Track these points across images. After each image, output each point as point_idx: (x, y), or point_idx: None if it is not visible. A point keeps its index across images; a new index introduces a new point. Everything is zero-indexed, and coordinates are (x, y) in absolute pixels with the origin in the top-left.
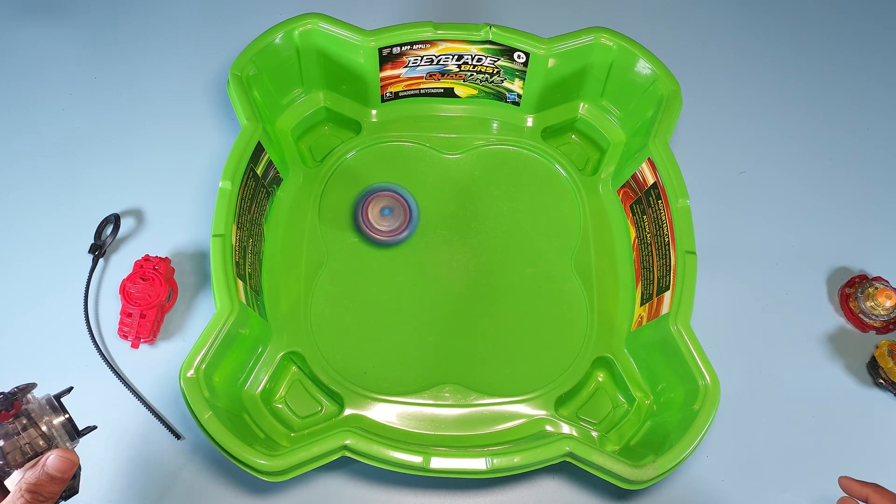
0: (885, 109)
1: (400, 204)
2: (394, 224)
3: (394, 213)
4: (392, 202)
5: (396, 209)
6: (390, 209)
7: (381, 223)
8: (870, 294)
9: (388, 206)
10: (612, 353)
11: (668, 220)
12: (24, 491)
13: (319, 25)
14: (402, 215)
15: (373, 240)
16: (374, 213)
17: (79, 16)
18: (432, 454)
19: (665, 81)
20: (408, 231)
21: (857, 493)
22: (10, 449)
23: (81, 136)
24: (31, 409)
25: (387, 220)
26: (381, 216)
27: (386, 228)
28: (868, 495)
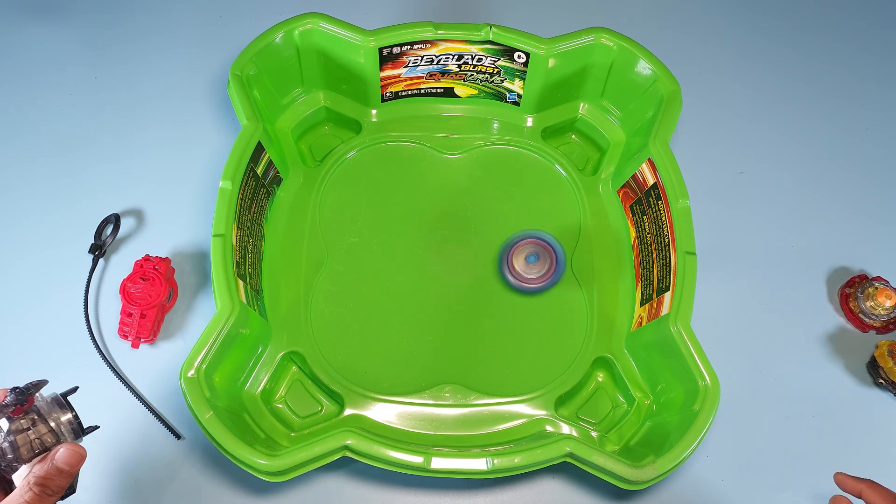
0: (885, 109)
1: (545, 249)
2: (542, 269)
3: (540, 259)
4: (536, 248)
5: (542, 255)
6: (536, 255)
7: (529, 271)
8: (870, 294)
9: (532, 252)
10: (612, 354)
11: (669, 220)
12: (32, 485)
13: (320, 25)
14: (548, 260)
15: (524, 290)
16: (520, 262)
17: (79, 16)
18: (433, 454)
19: (665, 81)
20: (556, 275)
21: (851, 488)
22: (22, 443)
23: (81, 136)
24: (39, 405)
25: (534, 266)
26: (528, 264)
27: (535, 275)
28: (862, 490)
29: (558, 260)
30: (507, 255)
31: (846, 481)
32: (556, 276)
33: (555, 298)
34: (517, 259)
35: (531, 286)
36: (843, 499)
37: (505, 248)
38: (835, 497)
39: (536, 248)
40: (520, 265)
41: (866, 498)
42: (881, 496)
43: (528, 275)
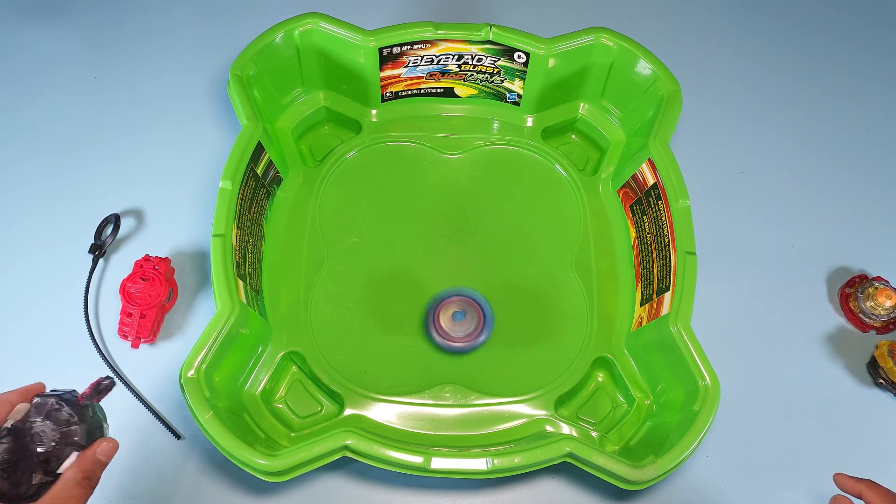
0: (885, 109)
1: (471, 306)
2: (469, 328)
3: (466, 317)
4: (463, 305)
5: (469, 312)
6: (462, 313)
7: (456, 329)
8: (870, 294)
9: (459, 310)
10: (612, 354)
11: (669, 220)
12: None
13: (320, 25)
14: (475, 317)
15: (450, 348)
16: (447, 319)
17: (79, 16)
18: (433, 454)
19: (665, 81)
20: (486, 334)
21: (850, 489)
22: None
23: (81, 136)
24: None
25: (461, 324)
26: (454, 321)
27: (462, 334)
28: (862, 491)
29: (486, 318)
30: (434, 313)
31: (846, 482)
32: (485, 334)
33: (555, 298)
34: (444, 316)
35: (457, 345)
36: (844, 499)
37: (431, 306)
38: (835, 497)
39: (464, 305)
40: (446, 323)
41: (866, 498)
42: (881, 496)
43: (455, 333)
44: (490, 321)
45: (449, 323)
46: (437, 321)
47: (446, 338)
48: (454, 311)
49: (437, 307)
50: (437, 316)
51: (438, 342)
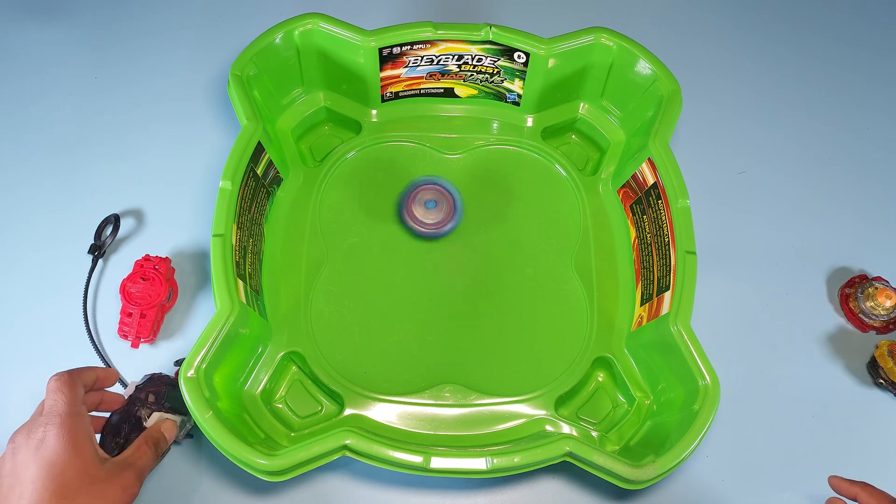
0: (885, 109)
1: (444, 196)
2: (438, 216)
3: (438, 206)
4: (436, 195)
5: (441, 201)
6: (435, 202)
7: (427, 216)
8: (870, 294)
9: (432, 198)
10: (612, 353)
11: (668, 220)
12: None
13: (320, 25)
14: (445, 207)
15: (419, 233)
16: (419, 206)
17: (79, 16)
18: (432, 454)
19: (665, 81)
20: (452, 223)
21: (846, 492)
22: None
23: (81, 136)
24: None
25: (431, 212)
26: (426, 209)
27: (431, 221)
28: (857, 494)
29: (456, 206)
30: (407, 201)
31: (841, 484)
32: (453, 223)
33: (555, 298)
34: (416, 205)
35: (427, 231)
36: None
37: (404, 194)
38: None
39: (435, 193)
40: (419, 211)
41: (862, 501)
42: (876, 499)
43: (426, 219)
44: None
45: (422, 211)
46: (410, 210)
47: (419, 224)
48: (426, 200)
49: (410, 196)
50: (409, 205)
51: (412, 228)
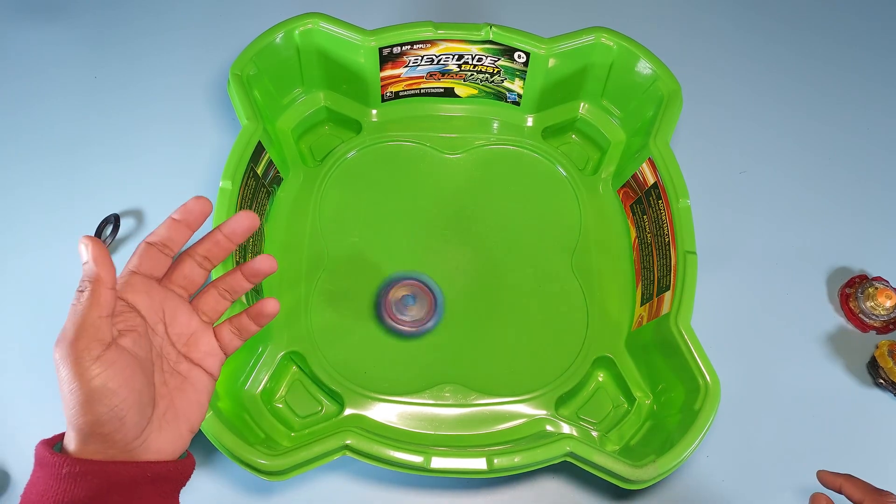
0: (885, 109)
1: (423, 291)
2: (420, 313)
3: (417, 302)
4: (414, 290)
5: (420, 297)
6: (413, 297)
7: (406, 313)
8: (870, 294)
9: (410, 294)
10: (612, 353)
11: (669, 219)
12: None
13: (320, 25)
14: (426, 303)
15: (399, 332)
16: (397, 303)
17: (79, 16)
18: (433, 454)
19: (665, 81)
20: (434, 320)
21: (831, 484)
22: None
23: (81, 136)
24: None
25: (411, 309)
26: (405, 305)
27: (410, 318)
28: (841, 485)
29: (437, 304)
30: (384, 300)
31: (826, 477)
32: (434, 320)
33: (555, 298)
34: (394, 300)
35: (406, 329)
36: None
37: (380, 291)
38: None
39: (414, 289)
40: (396, 307)
41: (846, 491)
42: (859, 489)
43: (404, 317)
44: (441, 307)
45: (399, 307)
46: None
47: (396, 321)
48: (404, 295)
49: (388, 291)
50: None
51: (389, 325)
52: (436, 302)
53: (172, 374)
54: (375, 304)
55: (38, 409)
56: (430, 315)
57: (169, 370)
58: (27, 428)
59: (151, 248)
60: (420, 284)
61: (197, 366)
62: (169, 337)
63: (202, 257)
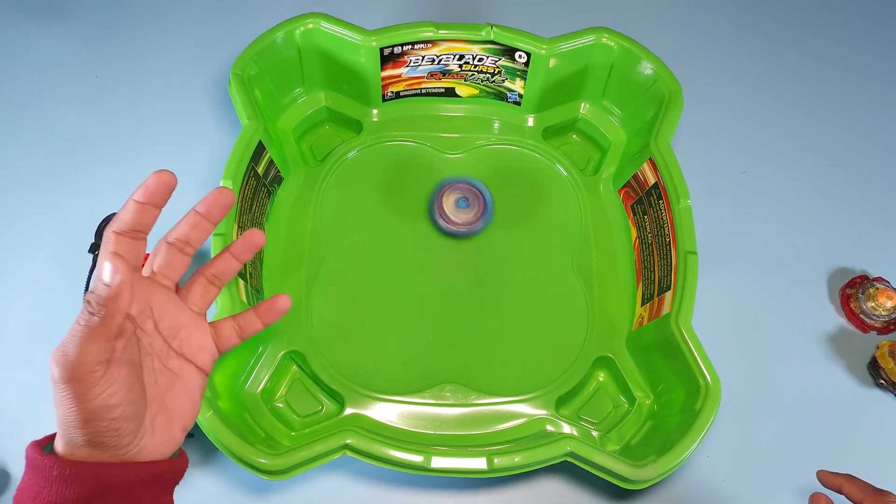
0: (886, 109)
1: (475, 195)
2: (469, 215)
3: (470, 205)
4: (468, 193)
5: (472, 200)
6: (467, 200)
7: (458, 215)
8: (871, 294)
9: (464, 196)
10: (612, 353)
11: (670, 220)
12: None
13: (321, 25)
14: (477, 206)
15: (451, 231)
16: (450, 204)
17: (79, 16)
18: (433, 453)
19: (666, 81)
20: (483, 221)
21: (831, 484)
22: None
23: (82, 136)
24: None
25: (463, 211)
26: (458, 208)
27: (462, 220)
28: (841, 485)
29: (486, 205)
30: (438, 199)
31: (826, 477)
32: (485, 220)
33: (555, 298)
34: (447, 203)
35: (461, 229)
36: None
37: (435, 192)
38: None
39: (467, 192)
40: (450, 209)
41: (846, 491)
42: (859, 488)
43: (458, 218)
44: (490, 208)
45: (452, 209)
46: (442, 207)
47: (450, 223)
48: (458, 199)
49: (441, 193)
50: (441, 202)
51: (443, 227)
52: (485, 202)
53: (163, 371)
54: (429, 208)
55: (38, 409)
56: (478, 217)
57: (159, 368)
58: (27, 428)
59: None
60: (473, 189)
61: (189, 362)
62: (159, 332)
63: (182, 242)
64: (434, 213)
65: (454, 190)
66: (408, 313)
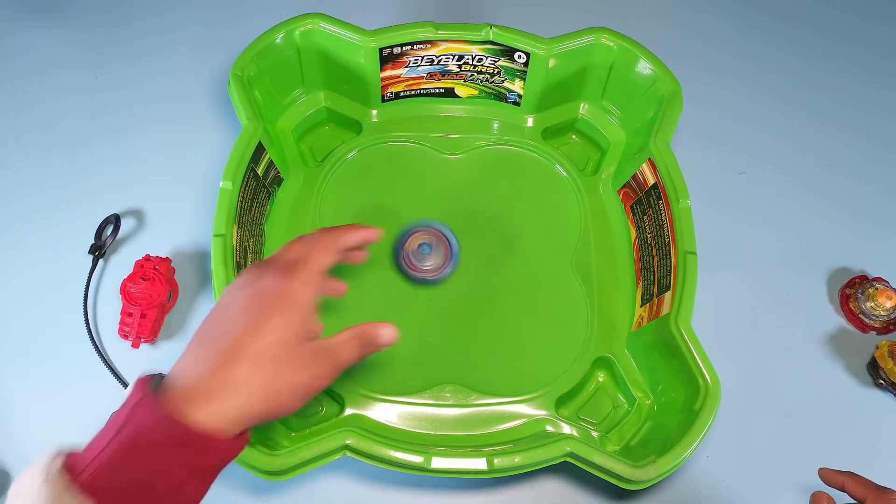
0: (886, 109)
1: (439, 240)
2: (437, 261)
3: (434, 250)
4: (431, 238)
5: (436, 245)
6: (430, 246)
7: (423, 261)
8: (870, 294)
9: (426, 242)
10: (612, 354)
11: (669, 220)
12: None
13: (320, 25)
14: (441, 251)
15: (415, 278)
16: (414, 250)
17: (79, 16)
18: (433, 454)
19: (665, 81)
20: (450, 267)
21: (833, 481)
22: None
23: (81, 136)
24: None
25: (428, 257)
26: (422, 253)
27: (429, 266)
28: (844, 482)
29: (452, 251)
30: (402, 248)
31: (828, 475)
32: (450, 267)
33: (555, 298)
34: (411, 248)
35: (424, 276)
36: (824, 495)
37: (398, 240)
38: (815, 493)
39: (431, 237)
40: (413, 255)
41: (848, 489)
42: (862, 486)
43: (422, 265)
44: (456, 254)
45: (416, 255)
46: (405, 253)
47: (413, 269)
48: (420, 244)
49: (406, 239)
50: (405, 248)
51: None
52: (451, 250)
53: None
54: (393, 253)
55: (38, 409)
56: (445, 263)
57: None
58: (27, 428)
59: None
60: (436, 232)
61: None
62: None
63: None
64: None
65: (418, 235)
66: (407, 313)
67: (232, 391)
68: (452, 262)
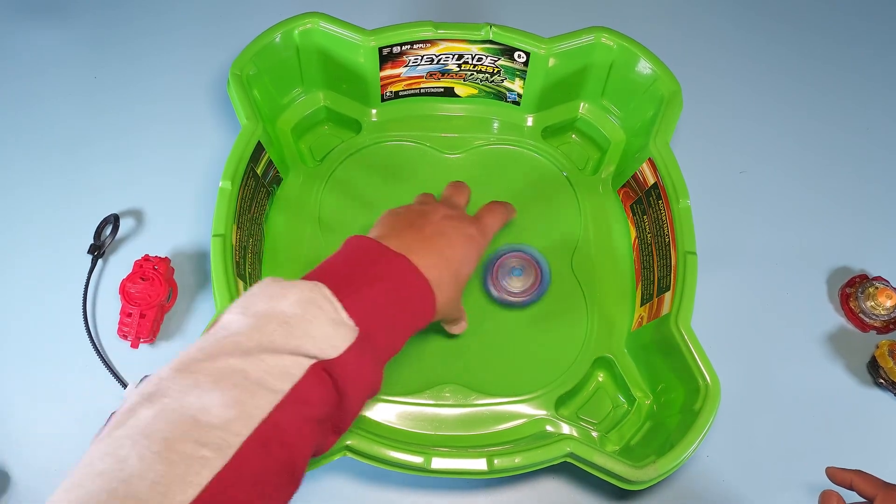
0: (886, 109)
1: (529, 263)
2: (526, 283)
3: (524, 273)
4: (521, 262)
5: (526, 268)
6: (521, 269)
7: (513, 284)
8: (870, 294)
9: (517, 266)
10: (612, 354)
11: (669, 220)
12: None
13: (319, 25)
14: (532, 273)
15: (507, 303)
16: (504, 274)
17: (79, 16)
18: (433, 454)
19: (666, 81)
20: (540, 289)
21: (841, 479)
22: None
23: (81, 136)
24: None
25: (518, 280)
26: (512, 277)
27: (518, 289)
28: (852, 480)
29: (543, 274)
30: (492, 269)
31: (836, 473)
32: (540, 289)
33: (555, 298)
34: (502, 273)
35: (515, 300)
36: (833, 493)
37: (489, 262)
38: (824, 492)
39: (521, 261)
40: (504, 279)
41: (856, 486)
42: (869, 483)
43: (513, 289)
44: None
45: (507, 279)
46: (496, 278)
47: (505, 293)
48: (512, 268)
49: (496, 263)
50: (495, 273)
51: (497, 297)
52: (542, 272)
53: None
54: (483, 278)
55: (38, 409)
56: (536, 284)
57: None
58: (27, 428)
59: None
60: (527, 257)
61: None
62: None
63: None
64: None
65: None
66: None
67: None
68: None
